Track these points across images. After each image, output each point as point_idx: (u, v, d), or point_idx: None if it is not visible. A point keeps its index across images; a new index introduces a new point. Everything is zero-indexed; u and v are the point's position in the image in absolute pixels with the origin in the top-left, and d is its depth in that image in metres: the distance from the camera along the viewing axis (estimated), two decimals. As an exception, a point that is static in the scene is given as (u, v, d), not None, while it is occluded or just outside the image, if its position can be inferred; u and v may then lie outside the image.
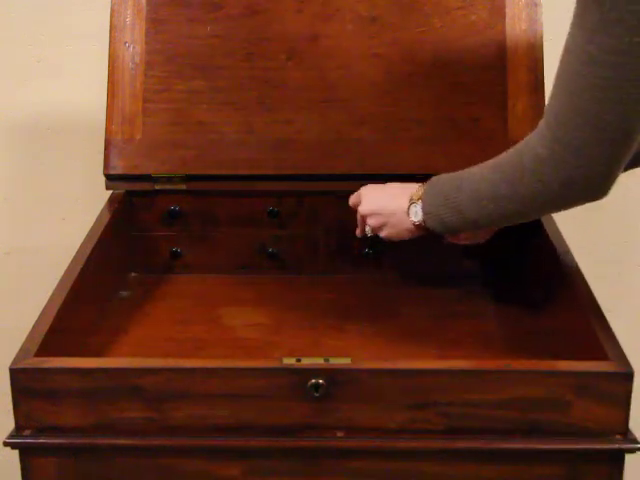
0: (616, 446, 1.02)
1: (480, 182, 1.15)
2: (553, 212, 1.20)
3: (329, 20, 1.44)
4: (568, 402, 1.01)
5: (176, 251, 1.47)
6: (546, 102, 1.10)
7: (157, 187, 1.43)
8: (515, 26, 1.43)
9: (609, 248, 1.89)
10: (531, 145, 1.08)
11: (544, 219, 1.36)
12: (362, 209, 1.30)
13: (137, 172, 1.43)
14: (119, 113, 1.43)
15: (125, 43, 1.44)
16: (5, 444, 1.04)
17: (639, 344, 1.44)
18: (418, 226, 1.24)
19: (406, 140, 1.41)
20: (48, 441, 1.04)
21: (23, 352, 1.05)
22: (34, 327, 1.10)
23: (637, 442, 1.02)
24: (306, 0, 1.44)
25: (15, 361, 1.04)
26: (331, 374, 1.01)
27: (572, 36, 1.01)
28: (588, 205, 1.08)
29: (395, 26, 1.43)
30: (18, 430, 1.04)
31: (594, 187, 1.07)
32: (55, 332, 1.10)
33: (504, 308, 1.34)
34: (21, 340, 1.07)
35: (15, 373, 1.03)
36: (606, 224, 1.87)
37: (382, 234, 1.29)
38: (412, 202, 1.23)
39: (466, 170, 1.19)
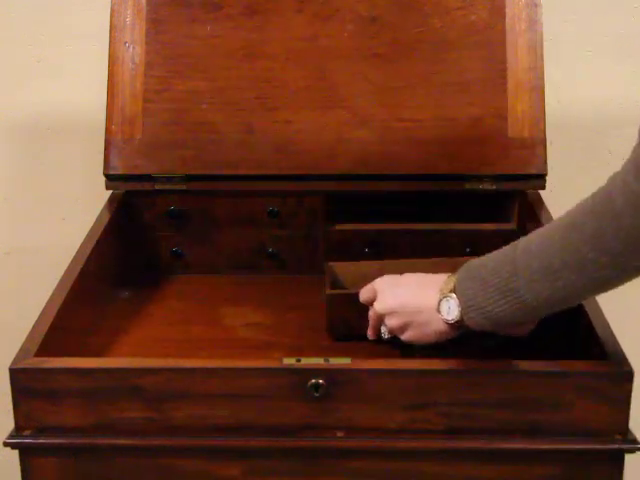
0: (616, 446, 1.02)
1: (551, 250, 0.92)
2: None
3: (329, 20, 1.44)
4: (568, 402, 1.01)
5: (176, 251, 1.47)
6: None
7: (157, 187, 1.43)
8: (515, 26, 1.43)
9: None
10: (622, 182, 0.89)
11: (544, 220, 1.36)
12: (379, 306, 1.11)
13: (137, 172, 1.43)
14: (119, 113, 1.43)
15: (125, 43, 1.44)
16: (5, 444, 1.04)
17: (639, 344, 1.44)
18: (452, 325, 1.04)
19: (406, 140, 1.41)
20: (48, 441, 1.04)
21: (23, 352, 1.05)
22: (34, 327, 1.10)
23: (637, 442, 1.02)
24: (306, 0, 1.44)
25: (15, 361, 1.04)
26: (331, 374, 1.01)
27: None
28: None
29: (395, 26, 1.43)
30: (18, 430, 1.04)
31: None
32: (55, 332, 1.10)
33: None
34: (21, 340, 1.07)
35: (15, 373, 1.03)
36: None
37: (404, 337, 1.10)
38: (444, 295, 1.03)
39: (518, 241, 0.98)
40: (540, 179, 1.43)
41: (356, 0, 1.44)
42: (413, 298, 1.07)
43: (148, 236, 1.47)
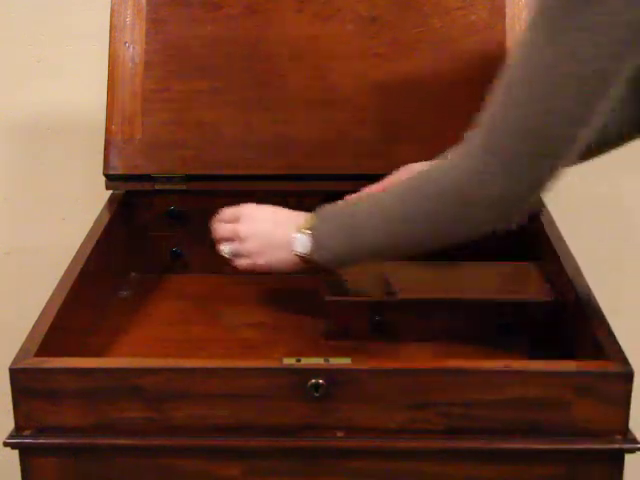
0: (616, 446, 1.02)
1: (386, 204, 1.08)
2: (472, 235, 1.07)
3: (329, 20, 1.44)
4: (568, 402, 1.01)
5: (176, 251, 1.47)
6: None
7: (157, 187, 1.43)
8: (515, 26, 1.43)
9: (609, 248, 1.89)
10: (453, 157, 1.05)
11: (544, 219, 1.36)
12: (241, 229, 1.20)
13: (137, 172, 1.43)
14: (119, 113, 1.43)
15: (125, 43, 1.44)
16: (5, 444, 1.04)
17: (639, 344, 1.44)
18: (303, 258, 1.15)
19: (406, 140, 1.41)
20: (48, 441, 1.04)
21: (23, 352, 1.05)
22: (34, 327, 1.10)
23: (637, 442, 1.02)
24: (306, 0, 1.44)
25: (15, 361, 1.04)
26: (331, 374, 1.01)
27: (518, 45, 1.01)
28: (587, 205, 1.08)
29: (395, 26, 1.43)
30: (18, 430, 1.04)
31: (517, 208, 1.03)
32: (55, 332, 1.10)
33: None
34: (21, 340, 1.07)
35: (15, 373, 1.03)
36: (606, 224, 1.87)
37: (259, 261, 1.20)
38: (299, 231, 1.15)
39: (363, 195, 1.14)
40: (540, 179, 1.43)
41: (356, 0, 1.44)
42: (274, 228, 1.18)
43: (148, 236, 1.47)
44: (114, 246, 1.38)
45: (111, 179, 1.43)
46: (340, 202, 1.16)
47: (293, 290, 1.40)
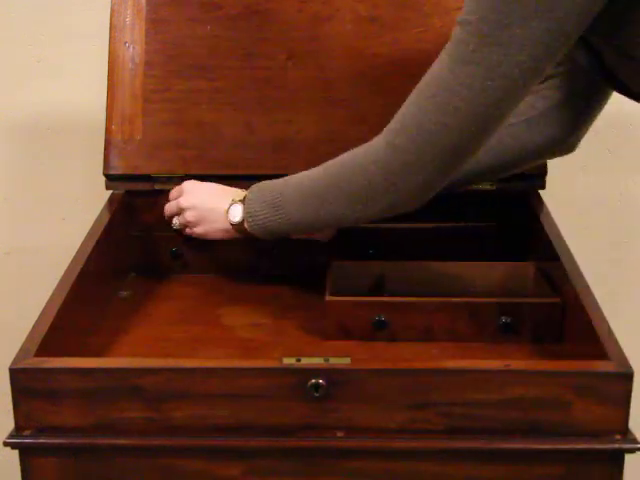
0: (616, 446, 1.02)
1: (307, 183, 1.20)
2: (378, 215, 1.18)
3: (329, 20, 1.44)
4: (568, 402, 1.01)
5: (176, 251, 1.47)
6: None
7: (157, 187, 1.44)
8: (515, 26, 1.42)
9: (609, 248, 1.89)
10: (367, 147, 1.14)
11: (544, 219, 1.36)
12: (182, 201, 1.34)
13: (137, 172, 1.43)
14: (119, 113, 1.43)
15: (125, 43, 1.44)
16: (5, 444, 1.04)
17: (639, 344, 1.44)
18: (235, 227, 1.28)
19: (406, 140, 1.41)
20: (48, 441, 1.03)
21: (23, 352, 1.05)
22: (34, 327, 1.10)
23: (637, 442, 1.02)
24: (306, 0, 1.44)
25: (15, 361, 1.03)
26: (331, 374, 1.01)
27: (439, 58, 1.08)
28: (587, 205, 1.09)
29: (395, 26, 1.43)
30: (18, 430, 1.04)
31: (413, 198, 1.13)
32: (55, 332, 1.10)
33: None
34: (21, 340, 1.07)
35: (15, 373, 1.03)
36: (606, 224, 1.87)
37: (196, 230, 1.34)
38: (233, 202, 1.27)
39: (293, 175, 1.23)
40: (540, 179, 1.43)
41: (356, 0, 1.44)
42: (210, 199, 1.31)
43: (148, 236, 1.47)
44: (114, 246, 1.38)
45: (111, 179, 1.44)
46: (278, 179, 1.25)
47: (293, 290, 1.41)
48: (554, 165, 1.44)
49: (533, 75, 1.04)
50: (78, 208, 1.85)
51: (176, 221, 1.38)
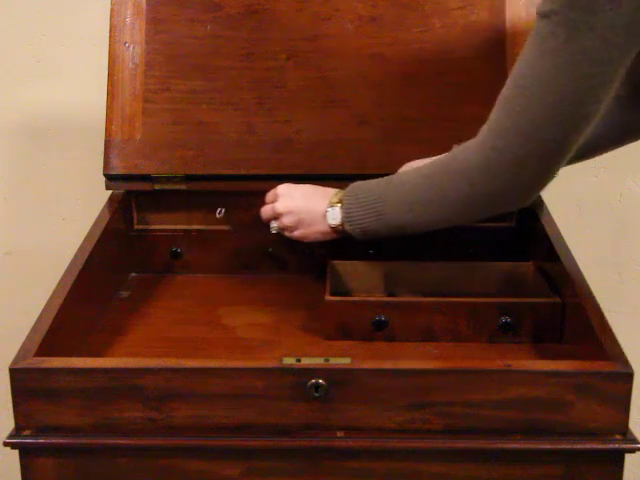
0: (616, 446, 1.02)
1: (407, 188, 1.19)
2: (479, 218, 1.21)
3: (329, 20, 1.44)
4: (568, 402, 1.01)
5: (176, 251, 1.47)
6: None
7: (157, 187, 1.43)
8: (515, 26, 1.43)
9: (609, 248, 1.89)
10: (467, 152, 1.13)
11: (544, 219, 1.36)
12: (278, 205, 1.32)
13: (137, 172, 1.43)
14: (119, 113, 1.43)
15: (125, 43, 1.44)
16: (5, 444, 1.04)
17: (639, 344, 1.44)
18: (334, 229, 1.27)
19: (406, 140, 1.41)
20: (48, 441, 1.04)
21: (23, 352, 1.05)
22: (34, 327, 1.10)
23: (637, 442, 1.02)
24: (306, 0, 1.44)
25: (15, 361, 1.04)
26: (331, 374, 1.01)
27: (524, 54, 1.06)
28: (587, 205, 1.09)
29: (395, 26, 1.43)
30: (18, 430, 1.04)
31: (521, 198, 1.14)
32: (55, 332, 1.10)
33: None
34: (21, 340, 1.07)
35: (15, 373, 1.03)
36: (606, 224, 1.87)
37: (295, 233, 1.32)
38: (331, 205, 1.26)
39: (389, 177, 1.23)
40: (540, 179, 1.43)
41: (356, 0, 1.44)
42: (307, 203, 1.30)
43: (148, 236, 1.47)
44: (114, 246, 1.38)
45: (111, 179, 1.43)
46: (374, 179, 1.24)
47: (293, 290, 1.41)
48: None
49: (629, 55, 1.02)
50: (78, 208, 1.86)
51: (275, 224, 1.35)
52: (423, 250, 1.39)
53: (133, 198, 1.45)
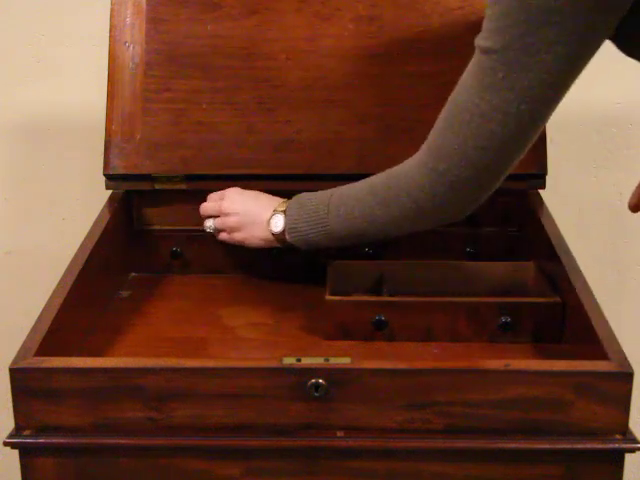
0: (616, 446, 1.02)
1: (352, 203, 1.22)
2: (420, 230, 1.24)
3: (329, 20, 1.44)
4: (568, 402, 1.01)
5: (176, 251, 1.47)
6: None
7: (157, 187, 1.44)
8: (515, 26, 1.42)
9: (609, 248, 1.89)
10: (410, 170, 1.17)
11: (544, 219, 1.36)
12: (225, 205, 1.35)
13: (137, 172, 1.43)
14: (119, 113, 1.43)
15: (125, 43, 1.44)
16: (5, 444, 1.04)
17: (639, 344, 1.44)
18: (276, 236, 1.30)
19: (406, 140, 1.41)
20: (48, 441, 1.04)
21: (23, 352, 1.05)
22: (34, 327, 1.10)
23: (637, 442, 1.02)
24: (306, 0, 1.44)
25: (15, 361, 1.04)
26: (331, 374, 1.01)
27: (465, 82, 1.10)
28: (587, 205, 1.09)
29: (395, 26, 1.43)
30: (18, 430, 1.04)
31: (462, 212, 1.18)
32: (55, 332, 1.10)
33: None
34: (21, 340, 1.07)
35: (15, 373, 1.03)
36: (606, 224, 1.87)
37: (236, 236, 1.35)
38: (275, 212, 1.29)
39: (334, 189, 1.25)
40: (540, 178, 1.43)
41: (356, 0, 1.44)
42: (253, 207, 1.33)
43: (148, 236, 1.47)
44: (114, 246, 1.38)
45: (111, 179, 1.43)
46: (318, 192, 1.27)
47: (293, 290, 1.41)
48: (554, 165, 1.44)
49: (564, 90, 1.07)
50: (78, 208, 1.85)
51: (211, 223, 1.39)
52: (423, 250, 1.39)
53: (133, 198, 1.45)
